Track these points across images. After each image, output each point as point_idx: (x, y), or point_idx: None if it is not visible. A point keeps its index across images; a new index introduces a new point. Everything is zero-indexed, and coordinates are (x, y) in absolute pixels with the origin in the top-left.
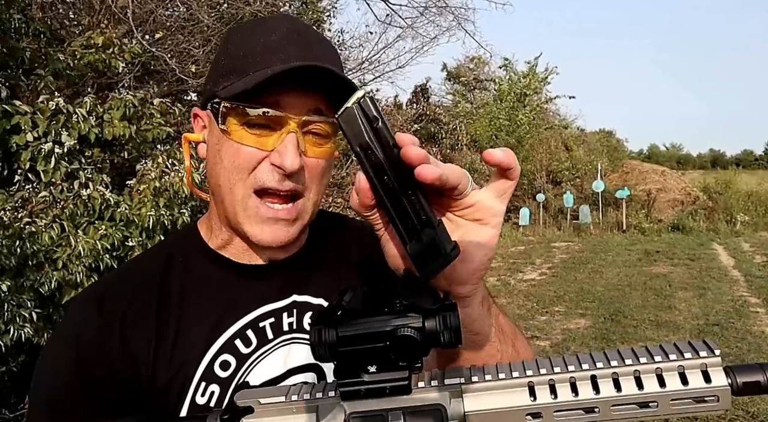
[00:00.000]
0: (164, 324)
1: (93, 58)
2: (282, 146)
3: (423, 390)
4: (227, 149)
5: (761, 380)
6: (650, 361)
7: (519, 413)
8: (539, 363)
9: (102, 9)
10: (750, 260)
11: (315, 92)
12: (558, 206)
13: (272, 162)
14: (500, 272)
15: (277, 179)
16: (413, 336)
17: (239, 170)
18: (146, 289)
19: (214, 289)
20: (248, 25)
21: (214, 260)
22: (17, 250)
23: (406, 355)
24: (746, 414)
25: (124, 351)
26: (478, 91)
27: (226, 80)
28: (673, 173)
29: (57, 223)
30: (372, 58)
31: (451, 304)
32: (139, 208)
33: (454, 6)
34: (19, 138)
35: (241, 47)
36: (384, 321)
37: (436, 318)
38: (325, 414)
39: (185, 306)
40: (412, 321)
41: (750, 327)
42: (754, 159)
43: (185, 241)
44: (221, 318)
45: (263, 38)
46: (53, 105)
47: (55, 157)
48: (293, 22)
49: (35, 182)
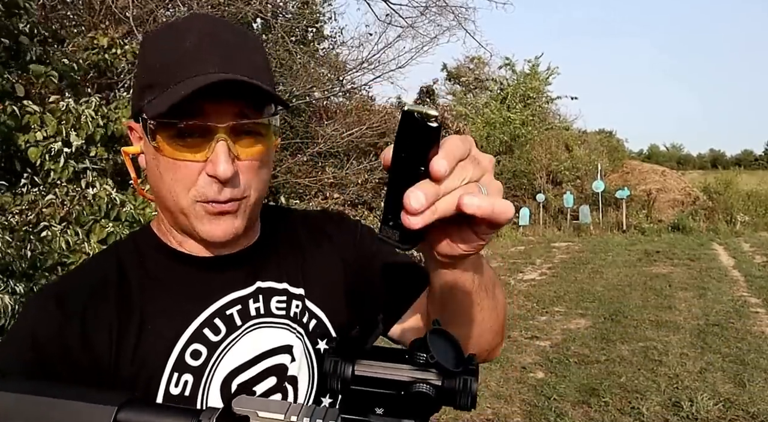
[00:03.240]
0: (125, 320)
1: (96, 59)
2: (214, 155)
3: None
4: (164, 165)
5: None
6: None
7: None
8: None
9: (102, 9)
10: (750, 261)
11: (237, 99)
12: (558, 206)
13: (207, 173)
14: (500, 272)
15: (216, 190)
16: (429, 393)
17: (180, 184)
18: (104, 288)
19: (176, 283)
20: (161, 32)
21: (172, 256)
22: (28, 254)
23: (418, 410)
24: (746, 414)
25: (84, 347)
26: (478, 90)
27: (149, 94)
28: (673, 173)
29: (71, 228)
30: (372, 58)
31: (473, 368)
32: (143, 207)
33: (454, 6)
34: (30, 136)
35: (157, 58)
36: (403, 371)
37: (456, 381)
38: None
39: (146, 301)
40: (431, 378)
41: (750, 327)
42: (754, 159)
43: (140, 241)
44: (187, 310)
45: (177, 46)
46: (63, 105)
47: (64, 156)
48: (207, 23)
49: (41, 185)
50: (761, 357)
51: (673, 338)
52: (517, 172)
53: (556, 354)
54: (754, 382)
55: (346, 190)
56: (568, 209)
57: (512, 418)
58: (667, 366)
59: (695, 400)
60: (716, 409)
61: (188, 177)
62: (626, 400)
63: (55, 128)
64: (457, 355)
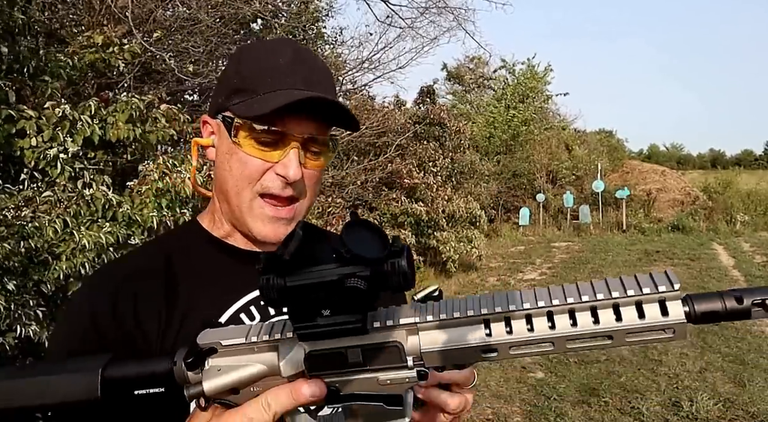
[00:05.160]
0: (172, 304)
1: (93, 58)
2: (287, 159)
3: (380, 329)
4: (237, 159)
5: (719, 308)
6: (608, 297)
7: (474, 349)
8: (495, 298)
9: (102, 9)
10: (750, 260)
11: (313, 115)
12: (558, 206)
13: (277, 172)
14: (500, 272)
15: (280, 187)
16: (359, 286)
17: (247, 178)
18: (153, 273)
19: (219, 271)
20: (257, 47)
21: (218, 247)
22: (22, 250)
23: (355, 304)
24: (746, 414)
25: (137, 325)
26: (478, 90)
27: (238, 97)
28: (673, 173)
29: (60, 218)
30: (372, 58)
31: (399, 249)
32: (141, 208)
33: (454, 6)
34: (24, 142)
35: (252, 68)
36: (332, 270)
37: (384, 266)
38: (286, 353)
39: (191, 287)
40: (359, 270)
41: (750, 327)
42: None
43: (187, 233)
44: (226, 296)
45: (272, 62)
46: (59, 111)
47: (60, 162)
48: (297, 47)
49: (39, 181)
50: (761, 357)
51: None
52: (517, 172)
53: (556, 354)
54: (754, 382)
55: (346, 190)
56: (568, 209)
57: (512, 418)
58: (666, 365)
59: (695, 400)
60: (716, 409)
61: (256, 173)
62: (626, 400)
63: (51, 134)
64: (380, 242)
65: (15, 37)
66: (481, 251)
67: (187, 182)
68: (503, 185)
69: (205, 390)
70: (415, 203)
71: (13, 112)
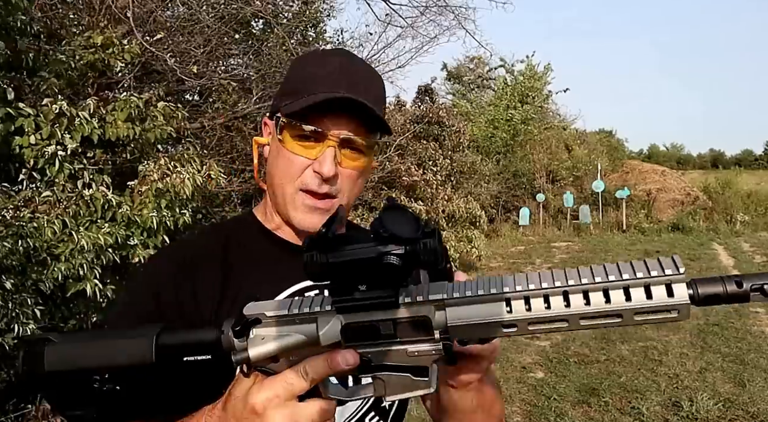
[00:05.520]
0: (225, 287)
1: (93, 58)
2: (322, 156)
3: (410, 304)
4: (282, 155)
5: (720, 291)
6: (618, 278)
7: (496, 324)
8: (516, 279)
9: (102, 9)
10: (750, 260)
11: (352, 117)
12: (558, 206)
13: (314, 169)
14: (500, 272)
15: (317, 183)
16: (395, 263)
17: (290, 174)
18: (211, 257)
19: (269, 261)
20: (311, 54)
21: (269, 238)
22: (20, 249)
23: (390, 279)
24: (746, 414)
25: (194, 303)
26: (478, 90)
27: (287, 99)
28: (673, 173)
29: (59, 219)
30: (372, 58)
31: (431, 231)
32: (140, 209)
33: (454, 5)
34: (23, 140)
35: (301, 73)
36: (370, 248)
37: (417, 245)
38: (324, 324)
39: (243, 273)
40: (395, 249)
41: (750, 327)
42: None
43: (242, 223)
44: (274, 285)
45: (321, 68)
46: (57, 108)
47: (59, 159)
48: (349, 56)
49: (38, 181)
50: (761, 357)
51: (673, 338)
52: (517, 172)
53: (556, 354)
54: (753, 382)
55: None
56: (568, 209)
57: (512, 418)
58: (667, 365)
59: (695, 400)
60: (716, 409)
61: (298, 170)
62: (626, 400)
63: (49, 131)
64: (414, 224)
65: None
66: (481, 251)
67: (186, 182)
68: (503, 185)
69: (250, 356)
70: (414, 202)
71: (11, 110)
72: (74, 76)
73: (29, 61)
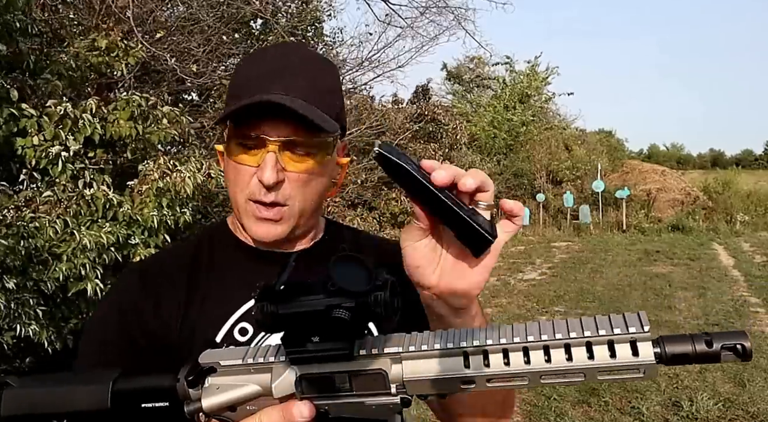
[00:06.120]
0: (191, 297)
1: (96, 61)
2: (263, 163)
3: (366, 356)
4: (230, 164)
5: (689, 351)
6: (580, 335)
7: (453, 380)
8: (474, 333)
9: (102, 9)
10: (750, 260)
11: (294, 120)
12: (558, 206)
13: (258, 177)
14: (500, 272)
15: (263, 192)
16: (344, 317)
17: (238, 184)
18: (179, 268)
19: (237, 269)
20: (255, 54)
21: (238, 245)
22: (22, 250)
23: (341, 332)
24: (746, 414)
25: (156, 316)
26: (478, 90)
27: (231, 103)
28: (673, 173)
29: (60, 219)
30: (372, 58)
31: (383, 283)
32: (141, 208)
33: (454, 6)
34: (26, 141)
35: (243, 75)
36: (318, 301)
37: (368, 298)
38: (279, 375)
39: (210, 282)
40: (345, 302)
41: (750, 327)
42: (754, 159)
43: (215, 232)
44: (242, 293)
45: (260, 68)
46: (61, 110)
47: (62, 160)
48: (288, 50)
49: (39, 181)
50: (761, 357)
51: None
52: (518, 172)
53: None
54: (754, 382)
55: (346, 189)
56: (568, 208)
57: (512, 418)
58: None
59: (695, 400)
60: (716, 409)
61: (244, 179)
62: (626, 400)
63: (53, 132)
64: (366, 275)
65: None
66: None
67: (187, 181)
68: (503, 185)
69: (204, 407)
70: None
71: (14, 111)
72: (76, 77)
73: (30, 63)
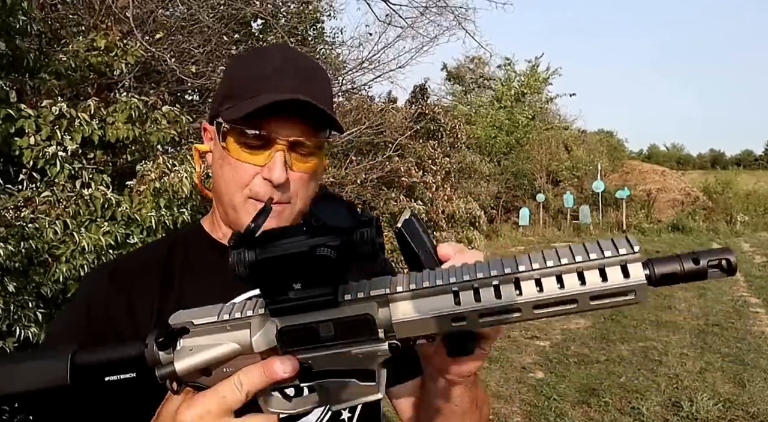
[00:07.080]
0: (165, 298)
1: (96, 61)
2: (272, 162)
3: (351, 301)
4: (227, 164)
5: (678, 270)
6: (571, 261)
7: (444, 318)
8: (463, 269)
9: (102, 9)
10: (750, 260)
11: (300, 118)
12: (558, 206)
13: (263, 176)
14: None
15: (268, 191)
16: (329, 255)
17: (237, 182)
18: (151, 269)
19: (214, 270)
20: (249, 54)
21: (215, 248)
22: (22, 251)
23: (326, 274)
24: (746, 414)
25: (129, 317)
26: (478, 90)
27: (228, 102)
28: (673, 173)
29: (60, 220)
30: (372, 58)
31: (368, 219)
32: (139, 208)
33: (454, 6)
34: (22, 141)
35: (241, 74)
36: (301, 242)
37: (353, 234)
38: (258, 329)
39: (185, 283)
40: (329, 240)
41: (750, 327)
42: (754, 159)
43: (189, 233)
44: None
45: (261, 67)
46: (56, 110)
47: (59, 160)
48: (288, 52)
49: (38, 181)
50: (761, 357)
51: (673, 338)
52: (518, 172)
53: (556, 354)
54: (753, 382)
55: (346, 190)
56: (568, 209)
57: (512, 418)
58: (666, 366)
59: (695, 400)
60: (716, 409)
61: (246, 177)
62: (626, 400)
63: (49, 132)
64: (349, 213)
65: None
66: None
67: (185, 181)
68: (503, 185)
69: (177, 370)
70: (414, 202)
71: (12, 111)
72: (75, 77)
73: (30, 62)
